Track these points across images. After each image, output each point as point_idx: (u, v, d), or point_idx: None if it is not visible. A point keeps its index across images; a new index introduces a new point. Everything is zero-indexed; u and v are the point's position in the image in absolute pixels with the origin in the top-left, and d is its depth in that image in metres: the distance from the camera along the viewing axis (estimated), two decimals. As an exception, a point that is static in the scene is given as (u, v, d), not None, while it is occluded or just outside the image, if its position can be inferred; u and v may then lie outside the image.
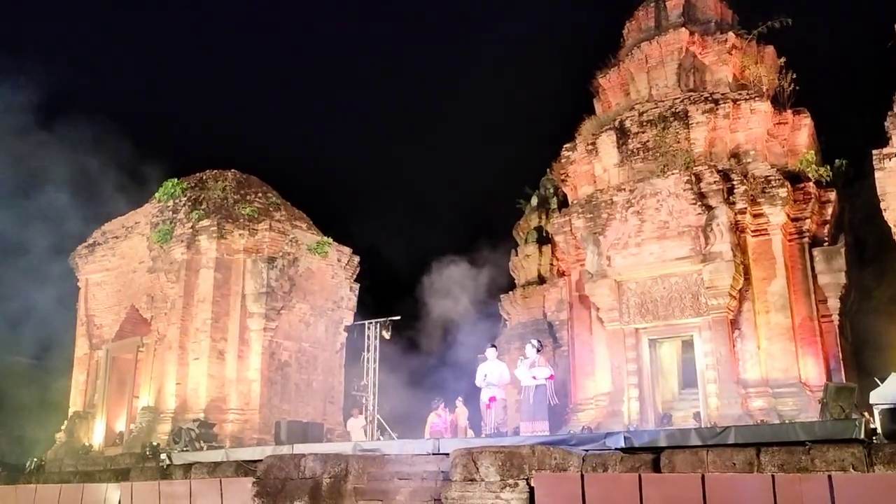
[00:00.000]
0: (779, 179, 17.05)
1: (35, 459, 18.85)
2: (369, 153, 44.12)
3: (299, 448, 12.64)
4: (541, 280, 24.40)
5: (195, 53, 47.54)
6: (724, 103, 18.15)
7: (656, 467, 9.15)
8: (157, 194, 20.03)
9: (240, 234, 18.98)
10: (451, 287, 23.79)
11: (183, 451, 15.24)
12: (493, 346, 14.53)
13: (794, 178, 17.62)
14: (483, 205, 37.23)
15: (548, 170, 24.47)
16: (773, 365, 16.45)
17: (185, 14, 48.29)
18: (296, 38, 50.08)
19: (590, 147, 19.58)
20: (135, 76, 47.21)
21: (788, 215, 17.21)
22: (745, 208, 16.86)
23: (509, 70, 42.70)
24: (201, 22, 49.84)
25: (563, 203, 22.75)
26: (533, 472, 9.16)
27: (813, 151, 18.86)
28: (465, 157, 40.75)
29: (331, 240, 20.81)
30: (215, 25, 50.23)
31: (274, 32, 51.73)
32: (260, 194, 20.56)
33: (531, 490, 9.01)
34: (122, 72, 45.98)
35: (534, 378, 12.99)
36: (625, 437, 9.91)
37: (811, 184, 17.65)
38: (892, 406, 8.92)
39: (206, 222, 18.67)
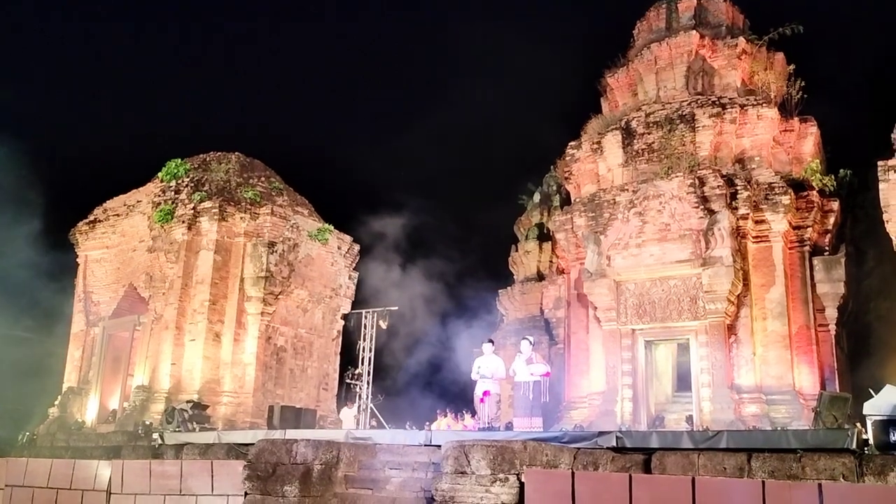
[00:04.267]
0: (782, 187, 17.05)
1: (27, 433, 18.87)
2: (375, 143, 44.12)
3: (291, 433, 12.65)
4: (539, 277, 24.40)
5: (211, 39, 47.47)
6: (732, 108, 18.12)
7: (647, 468, 9.18)
8: (159, 174, 20.00)
9: (241, 218, 18.97)
10: (449, 279, 23.80)
11: (175, 431, 15.25)
12: (491, 340, 14.50)
13: (798, 186, 17.62)
14: (485, 198, 37.31)
15: (551, 167, 24.45)
16: (768, 372, 16.48)
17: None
18: (308, 31, 50.01)
19: (595, 146, 19.56)
20: (149, 60, 47.10)
21: (790, 223, 17.21)
22: (748, 214, 16.85)
23: (517, 65, 42.70)
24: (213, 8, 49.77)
25: (566, 201, 22.75)
26: (524, 467, 9.15)
27: (818, 160, 18.85)
28: (468, 151, 40.75)
29: (332, 227, 20.79)
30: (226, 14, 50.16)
31: (285, 26, 51.64)
32: (263, 178, 20.53)
33: (521, 485, 9.02)
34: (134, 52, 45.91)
35: (531, 374, 13.00)
36: (617, 437, 9.94)
37: (815, 193, 17.65)
38: (885, 417, 8.93)
39: (207, 204, 18.65)
